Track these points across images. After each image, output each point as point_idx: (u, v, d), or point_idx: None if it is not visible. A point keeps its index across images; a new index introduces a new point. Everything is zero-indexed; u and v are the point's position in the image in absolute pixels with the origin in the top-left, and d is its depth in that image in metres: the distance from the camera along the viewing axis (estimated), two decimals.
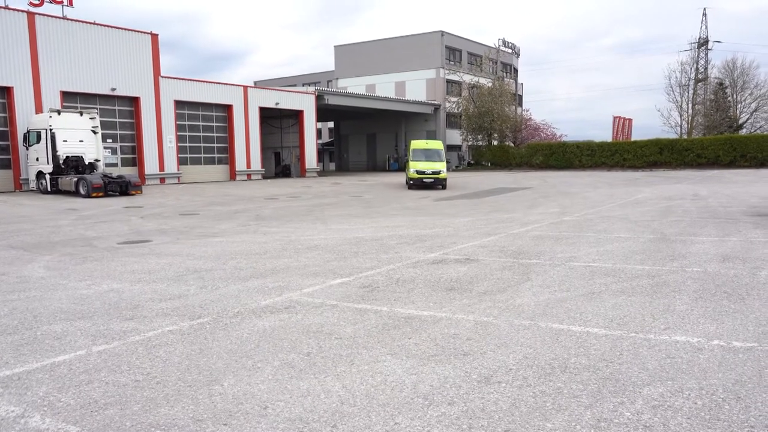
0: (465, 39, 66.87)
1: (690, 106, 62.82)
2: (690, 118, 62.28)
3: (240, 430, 3.61)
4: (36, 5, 31.87)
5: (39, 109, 30.99)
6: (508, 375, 4.37)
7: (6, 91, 30.71)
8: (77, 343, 5.37)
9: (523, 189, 26.93)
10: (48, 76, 32.04)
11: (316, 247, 10.81)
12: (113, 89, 35.34)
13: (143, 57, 37.05)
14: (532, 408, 3.80)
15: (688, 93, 62.93)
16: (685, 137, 54.29)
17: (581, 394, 4.00)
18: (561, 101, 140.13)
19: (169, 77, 39.29)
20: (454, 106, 61.47)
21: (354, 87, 64.85)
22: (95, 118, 29.45)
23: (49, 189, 27.93)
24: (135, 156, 37.52)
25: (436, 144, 31.49)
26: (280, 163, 53.42)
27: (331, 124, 73.88)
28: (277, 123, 52.32)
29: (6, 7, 30.50)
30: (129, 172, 34.30)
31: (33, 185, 29.32)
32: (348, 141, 68.45)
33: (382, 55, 65.50)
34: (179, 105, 39.69)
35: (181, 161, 40.05)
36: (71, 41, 33.28)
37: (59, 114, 28.18)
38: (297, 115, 49.66)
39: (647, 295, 6.63)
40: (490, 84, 59.51)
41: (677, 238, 10.87)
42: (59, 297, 7.26)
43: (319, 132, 64.85)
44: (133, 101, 36.96)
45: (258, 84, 72.03)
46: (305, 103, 49.18)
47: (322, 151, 70.39)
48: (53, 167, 27.79)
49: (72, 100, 33.60)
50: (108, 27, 35.46)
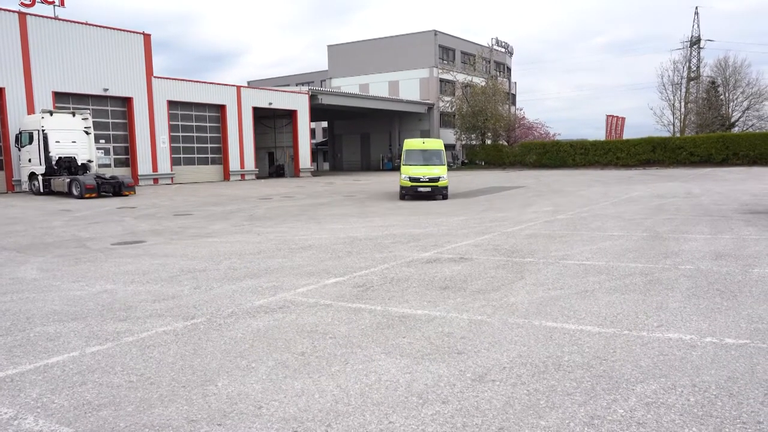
0: (458, 38, 66.94)
1: (682, 104, 63.07)
2: (682, 116, 62.53)
3: (234, 430, 3.60)
4: (27, 5, 31.71)
5: (31, 110, 30.83)
6: (502, 373, 4.38)
7: None
8: (71, 345, 5.35)
9: (517, 188, 26.98)
10: (40, 76, 31.88)
11: (310, 247, 10.80)
12: (106, 90, 35.20)
13: (136, 57, 36.92)
14: (526, 406, 3.81)
15: (680, 92, 63.23)
16: (678, 136, 54.48)
17: (575, 391, 4.01)
18: (554, 100, 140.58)
19: (162, 77, 39.17)
20: (447, 105, 61.52)
21: (347, 87, 64.82)
22: (88, 118, 29.32)
23: (42, 190, 27.80)
24: (128, 156, 37.39)
25: (434, 143, 24.19)
26: (273, 163, 53.33)
27: (325, 123, 73.83)
28: (271, 123, 52.23)
29: None
30: (122, 172, 34.20)
31: (25, 186, 29.18)
32: (342, 141, 68.40)
33: (375, 55, 65.49)
34: (172, 105, 39.57)
35: (175, 162, 39.93)
36: (63, 41, 33.12)
37: (51, 115, 28.05)
38: (290, 115, 49.61)
39: (640, 293, 6.66)
40: (483, 83, 59.57)
41: (670, 235, 10.91)
42: (52, 298, 7.23)
43: (313, 132, 64.87)
44: (126, 101, 36.83)
45: (251, 84, 71.85)
46: (299, 103, 49.12)
47: (315, 151, 70.35)
48: (46, 168, 27.67)
49: (64, 100, 33.44)
50: (100, 27, 35.31)
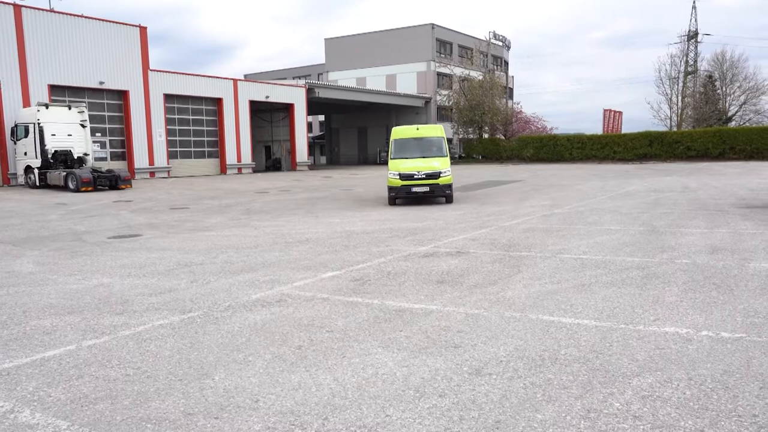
0: (456, 32, 66.81)
1: (680, 98, 63.13)
2: (680, 110, 62.58)
3: (231, 423, 3.60)
4: None
5: (27, 103, 30.70)
6: (498, 367, 4.39)
7: None
8: (67, 338, 5.34)
9: (514, 182, 26.99)
10: (35, 69, 31.73)
11: (307, 241, 10.79)
12: (102, 83, 35.06)
13: (132, 50, 36.77)
14: (522, 399, 3.81)
15: (677, 86, 63.26)
16: (675, 130, 54.53)
17: (571, 385, 4.02)
18: (552, 94, 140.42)
19: (159, 70, 39.03)
20: (445, 99, 61.42)
21: (344, 80, 64.69)
22: (84, 111, 29.20)
23: (38, 183, 27.71)
24: (124, 150, 37.28)
25: (432, 130, 19.38)
26: (270, 157, 53.25)
27: (322, 117, 73.67)
28: (268, 116, 52.13)
29: None
30: (118, 166, 34.11)
31: (21, 180, 29.10)
32: (339, 134, 68.31)
33: (372, 48, 65.33)
34: (169, 98, 39.44)
35: (171, 155, 39.84)
36: (59, 34, 32.95)
37: (47, 108, 27.91)
38: (287, 109, 49.50)
39: (637, 287, 6.67)
40: (480, 77, 59.49)
41: (667, 230, 10.93)
42: (49, 292, 7.22)
43: (310, 125, 64.65)
44: (122, 95, 36.69)
45: (248, 77, 71.60)
46: (296, 97, 49.01)
47: (312, 145, 70.16)
48: (42, 161, 27.56)
49: (60, 93, 33.31)
50: (96, 20, 35.14)
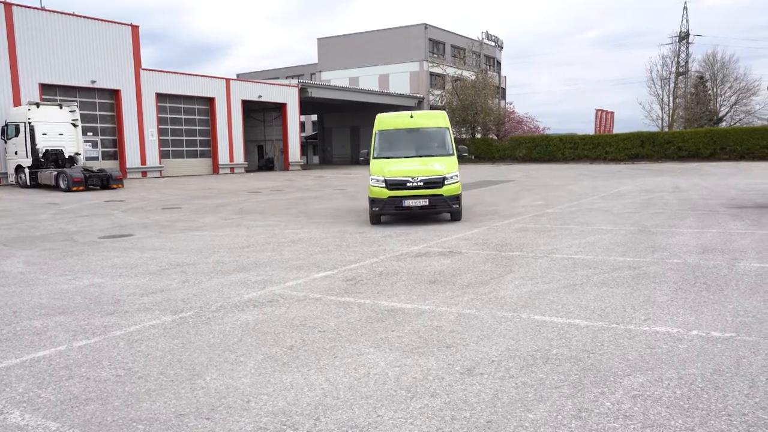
0: (448, 32, 66.88)
1: (671, 99, 63.40)
2: (671, 111, 62.86)
3: (223, 424, 3.59)
4: None
5: (17, 102, 30.49)
6: (490, 366, 4.40)
7: None
8: (57, 339, 5.32)
9: (506, 182, 27.04)
10: (26, 68, 31.53)
11: (299, 241, 10.78)
12: (93, 82, 34.88)
13: (123, 49, 36.60)
14: (514, 399, 3.82)
15: (669, 86, 63.51)
16: (666, 130, 54.77)
17: (563, 384, 4.03)
18: (544, 94, 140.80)
19: (151, 70, 38.86)
20: (437, 99, 61.46)
21: (337, 80, 64.61)
22: (75, 110, 29.04)
23: (29, 183, 27.53)
24: (116, 149, 37.11)
25: (432, 118, 14.21)
26: (263, 157, 53.15)
27: (315, 117, 73.60)
28: (260, 116, 52.01)
29: None
30: (110, 165, 33.95)
31: (12, 179, 28.90)
32: (331, 134, 68.21)
33: (365, 48, 65.30)
34: (161, 98, 39.29)
35: (163, 155, 39.69)
36: (50, 32, 32.76)
37: (38, 107, 27.75)
38: (280, 108, 49.41)
39: (628, 287, 6.70)
40: (473, 77, 59.57)
41: (658, 230, 10.98)
42: (39, 292, 7.18)
43: (303, 125, 64.64)
44: (114, 94, 36.52)
45: (241, 77, 71.41)
46: (288, 96, 48.93)
47: (305, 145, 70.14)
48: (32, 161, 27.39)
49: (51, 92, 33.11)
50: (87, 18, 34.96)
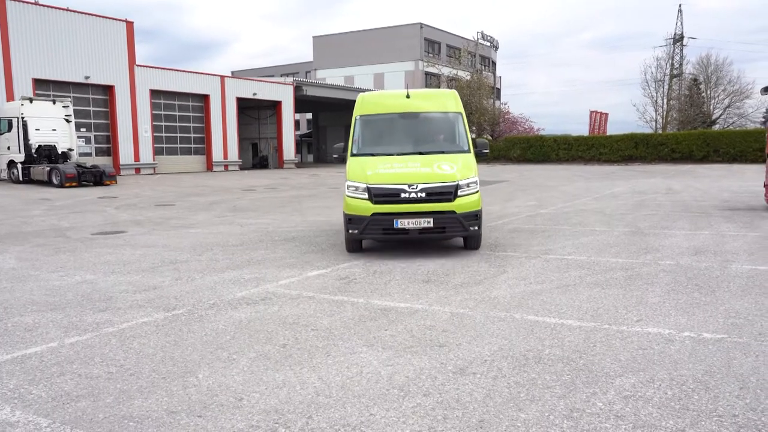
0: (444, 31, 66.98)
1: (665, 101, 63.73)
2: (665, 113, 63.17)
3: (214, 421, 3.59)
4: None
5: (10, 97, 30.31)
6: (483, 366, 4.40)
7: None
8: (49, 335, 5.29)
9: (500, 182, 27.08)
10: (20, 63, 31.36)
11: (293, 239, 10.76)
12: (87, 77, 34.73)
13: (118, 45, 36.45)
14: (506, 398, 3.83)
15: (663, 88, 63.86)
16: (660, 132, 54.99)
17: (555, 384, 4.04)
18: (540, 95, 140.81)
19: (145, 66, 38.75)
20: None
21: (332, 78, 64.57)
22: (68, 106, 28.90)
23: (21, 178, 27.39)
24: (109, 146, 36.97)
25: (437, 100, 10.41)
26: (257, 154, 53.07)
27: (309, 115, 73.50)
28: (255, 114, 51.93)
29: None
30: (103, 162, 33.79)
31: (4, 174, 28.71)
32: (326, 132, 68.15)
33: (360, 47, 65.35)
34: (155, 94, 39.17)
35: (157, 151, 39.56)
36: (44, 27, 32.59)
37: (31, 102, 27.60)
38: (275, 106, 49.34)
39: (621, 288, 6.73)
40: (468, 77, 59.63)
41: (651, 231, 11.02)
42: (31, 288, 7.15)
43: (297, 123, 64.43)
44: (108, 90, 36.38)
45: (236, 74, 71.29)
46: (283, 94, 48.86)
47: (300, 143, 69.96)
48: (25, 156, 27.25)
49: (44, 87, 32.95)
50: (81, 13, 34.80)
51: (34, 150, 27.32)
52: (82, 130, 33.92)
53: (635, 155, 46.04)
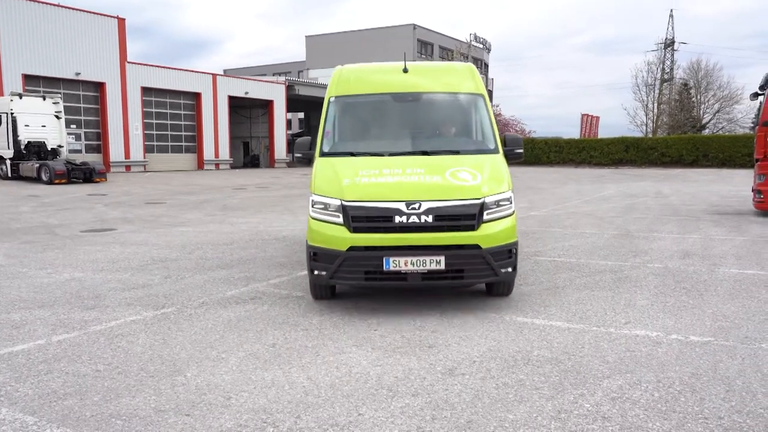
0: (437, 33, 67.14)
1: (655, 105, 64.16)
2: (655, 117, 63.63)
3: (203, 420, 3.58)
4: None
5: (0, 93, 30.10)
6: (471, 367, 4.42)
7: None
8: (36, 333, 5.26)
9: None
10: (9, 58, 31.15)
11: (284, 238, 10.75)
12: (78, 74, 34.54)
13: (109, 41, 36.28)
14: (494, 399, 3.85)
15: (653, 93, 64.34)
16: (650, 136, 55.32)
17: (543, 386, 4.06)
18: (532, 97, 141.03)
19: (137, 63, 38.60)
20: None
21: (325, 78, 64.28)
22: (59, 102, 28.73)
23: (10, 175, 27.22)
24: (100, 143, 36.78)
25: (445, 76, 7.23)
26: (248, 153, 52.95)
27: (302, 114, 73.40)
28: (247, 112, 51.81)
29: None
30: (93, 159, 33.60)
31: None
32: (318, 132, 68.05)
33: (353, 47, 65.36)
34: (146, 92, 39.01)
35: (148, 149, 39.40)
36: (34, 23, 32.38)
37: (21, 98, 27.42)
38: (267, 105, 49.29)
39: (609, 290, 6.76)
40: None
41: (640, 234, 11.08)
42: (18, 285, 7.10)
43: (289, 122, 64.38)
44: (99, 86, 36.20)
45: (228, 73, 71.05)
46: (275, 93, 48.81)
47: (291, 142, 69.84)
48: (14, 152, 27.08)
49: (34, 83, 32.74)
50: (72, 9, 34.61)
51: (23, 146, 27.14)
52: (72, 126, 33.73)
53: (626, 159, 46.30)
